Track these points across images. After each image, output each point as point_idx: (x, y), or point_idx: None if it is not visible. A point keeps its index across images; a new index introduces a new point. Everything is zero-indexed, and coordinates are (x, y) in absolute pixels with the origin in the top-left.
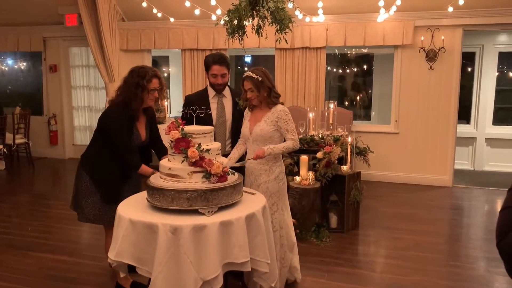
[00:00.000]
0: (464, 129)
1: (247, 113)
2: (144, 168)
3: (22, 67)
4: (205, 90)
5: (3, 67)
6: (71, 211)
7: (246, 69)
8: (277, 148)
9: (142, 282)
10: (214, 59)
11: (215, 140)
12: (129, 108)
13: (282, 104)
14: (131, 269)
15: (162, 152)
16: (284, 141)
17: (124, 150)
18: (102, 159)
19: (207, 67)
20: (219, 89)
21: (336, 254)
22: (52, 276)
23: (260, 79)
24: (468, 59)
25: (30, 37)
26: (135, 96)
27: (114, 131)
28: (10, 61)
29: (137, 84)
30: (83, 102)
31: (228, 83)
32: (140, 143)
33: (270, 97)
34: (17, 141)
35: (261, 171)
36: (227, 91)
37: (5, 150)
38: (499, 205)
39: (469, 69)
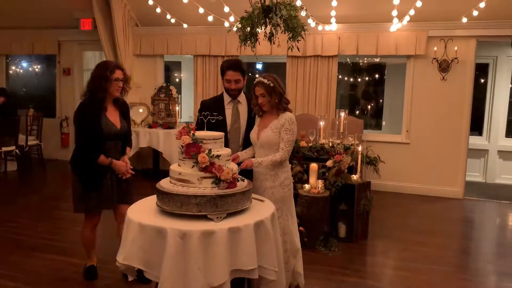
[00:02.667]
0: (476, 141)
1: (257, 119)
2: (102, 158)
3: (37, 70)
4: (221, 95)
5: (18, 70)
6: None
7: (257, 76)
8: (264, 162)
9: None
10: (229, 65)
11: (229, 145)
12: (96, 99)
13: (291, 111)
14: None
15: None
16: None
17: (82, 142)
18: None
19: (222, 72)
20: (233, 95)
21: (344, 264)
22: (60, 278)
23: (271, 85)
24: (481, 70)
25: (45, 40)
26: (99, 87)
27: (77, 125)
28: (25, 64)
29: (101, 75)
30: None
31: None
32: (116, 131)
33: (281, 103)
34: (29, 143)
35: (266, 176)
36: (242, 98)
37: (17, 151)
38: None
39: (482, 81)
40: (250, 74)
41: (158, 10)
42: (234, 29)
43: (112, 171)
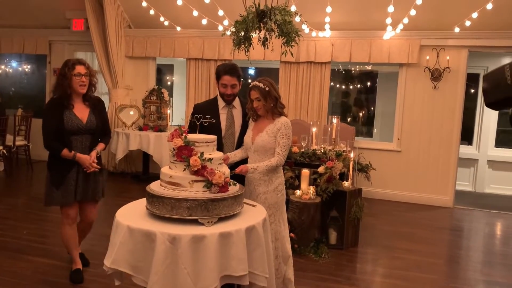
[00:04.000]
0: (466, 150)
1: (251, 123)
2: (65, 152)
3: (26, 70)
4: (215, 99)
5: (7, 69)
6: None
7: (250, 81)
8: (260, 167)
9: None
10: (225, 69)
11: (223, 151)
12: (60, 96)
13: (286, 116)
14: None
15: (101, 139)
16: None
17: (46, 136)
18: None
19: (218, 77)
20: (228, 100)
21: (334, 271)
22: (46, 281)
23: (267, 89)
24: (472, 80)
25: (36, 40)
26: (61, 84)
27: (43, 121)
28: (14, 63)
29: (61, 73)
30: None
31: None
32: (81, 125)
33: (276, 108)
34: (17, 143)
35: (260, 181)
36: (236, 102)
37: (4, 151)
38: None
39: (472, 91)
40: (242, 79)
41: (152, 12)
42: (228, 33)
43: (79, 166)
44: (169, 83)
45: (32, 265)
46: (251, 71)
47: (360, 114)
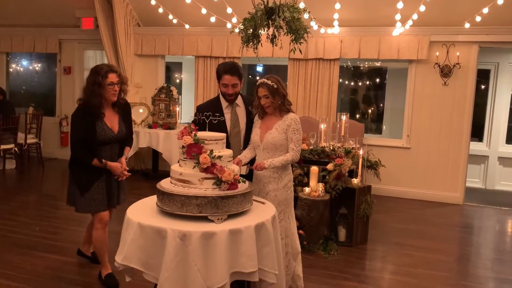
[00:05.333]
0: (476, 147)
1: (257, 120)
2: (95, 162)
3: (37, 68)
4: (217, 99)
5: (18, 68)
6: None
7: (258, 78)
8: (277, 161)
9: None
10: (225, 69)
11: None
12: (91, 105)
13: (294, 112)
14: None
15: (125, 144)
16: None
17: (76, 145)
18: None
19: (219, 76)
20: (230, 100)
21: (343, 268)
22: (57, 277)
23: (275, 86)
24: (482, 76)
25: (46, 39)
26: (93, 93)
27: (71, 130)
28: (25, 62)
29: (94, 81)
30: None
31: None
32: (112, 136)
33: (284, 104)
34: (28, 141)
35: (270, 178)
36: (239, 100)
37: (16, 149)
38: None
39: (483, 87)
40: (250, 76)
41: (161, 10)
42: (236, 30)
43: (107, 173)
44: (178, 80)
45: (44, 262)
46: (259, 68)
47: (369, 111)
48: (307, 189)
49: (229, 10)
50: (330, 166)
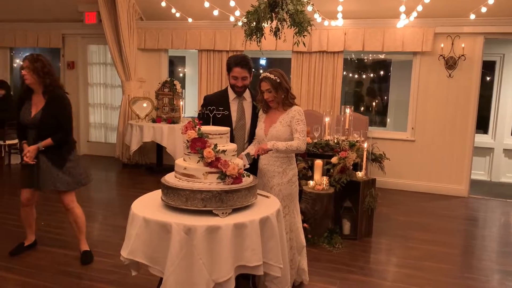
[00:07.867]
0: (481, 139)
1: (261, 115)
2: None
3: None
4: (225, 91)
5: (22, 63)
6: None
7: (261, 71)
8: (280, 144)
9: None
10: (236, 61)
11: (234, 143)
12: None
13: (298, 106)
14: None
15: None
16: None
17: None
18: None
19: (229, 69)
20: (239, 92)
21: (348, 261)
22: (63, 271)
23: (278, 80)
24: (488, 68)
25: (49, 33)
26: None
27: (67, 114)
28: None
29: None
30: (99, 99)
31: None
32: (28, 120)
33: (287, 98)
34: None
35: (274, 173)
36: (247, 94)
37: None
38: None
39: (488, 79)
40: (253, 70)
41: (163, 4)
42: (240, 23)
43: (40, 154)
44: (181, 74)
45: (50, 256)
46: (263, 62)
47: (374, 103)
48: (311, 183)
49: (232, 3)
50: (334, 160)
